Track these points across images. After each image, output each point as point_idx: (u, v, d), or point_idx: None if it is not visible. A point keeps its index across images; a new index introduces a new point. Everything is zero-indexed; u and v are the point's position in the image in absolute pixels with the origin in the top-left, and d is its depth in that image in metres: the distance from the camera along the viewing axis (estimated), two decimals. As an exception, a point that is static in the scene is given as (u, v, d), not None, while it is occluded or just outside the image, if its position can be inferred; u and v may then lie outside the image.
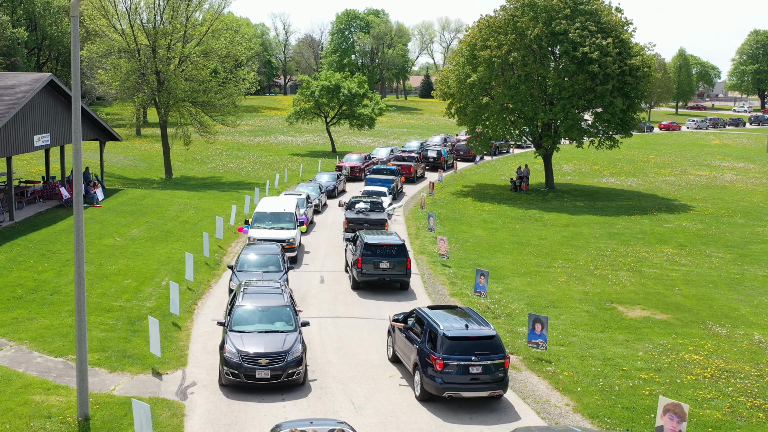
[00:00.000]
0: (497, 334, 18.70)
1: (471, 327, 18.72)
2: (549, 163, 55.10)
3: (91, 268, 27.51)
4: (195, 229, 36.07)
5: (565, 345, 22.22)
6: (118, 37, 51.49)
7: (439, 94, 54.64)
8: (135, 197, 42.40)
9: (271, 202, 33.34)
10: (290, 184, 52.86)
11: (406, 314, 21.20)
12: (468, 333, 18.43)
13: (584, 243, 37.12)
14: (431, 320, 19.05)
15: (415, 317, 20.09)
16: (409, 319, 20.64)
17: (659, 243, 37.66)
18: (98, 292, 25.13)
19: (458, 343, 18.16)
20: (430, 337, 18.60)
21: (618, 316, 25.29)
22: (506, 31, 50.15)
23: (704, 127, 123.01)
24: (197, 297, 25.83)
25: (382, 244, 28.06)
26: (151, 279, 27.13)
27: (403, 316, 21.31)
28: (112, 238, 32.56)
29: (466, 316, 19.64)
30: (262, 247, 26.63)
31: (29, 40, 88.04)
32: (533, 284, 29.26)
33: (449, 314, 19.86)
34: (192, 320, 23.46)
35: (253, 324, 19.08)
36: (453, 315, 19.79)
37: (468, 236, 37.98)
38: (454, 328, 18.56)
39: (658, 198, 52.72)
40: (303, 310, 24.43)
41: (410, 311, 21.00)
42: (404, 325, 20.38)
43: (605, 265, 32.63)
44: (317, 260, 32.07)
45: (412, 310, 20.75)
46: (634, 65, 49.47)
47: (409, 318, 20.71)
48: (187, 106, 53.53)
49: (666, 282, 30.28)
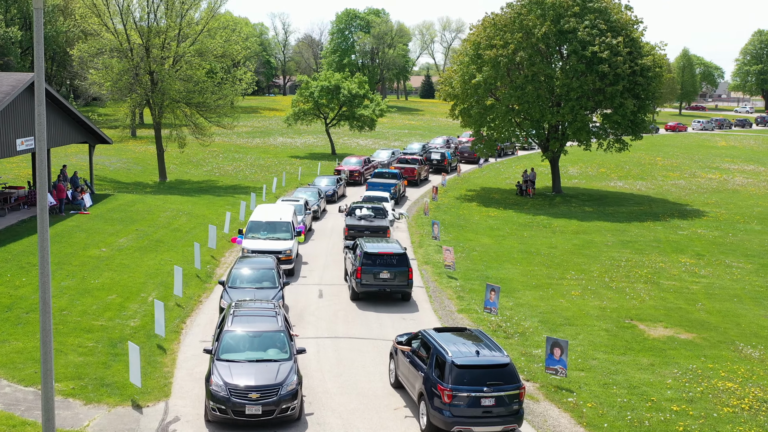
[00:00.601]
0: (511, 361, 16.89)
1: (482, 353, 16.93)
2: (556, 167, 53.24)
3: (73, 283, 25.65)
4: (187, 237, 34.19)
5: (586, 370, 20.35)
6: (110, 35, 49.63)
7: (443, 95, 52.72)
8: (125, 203, 40.49)
9: (266, 210, 31.31)
10: (288, 188, 51.02)
11: (410, 336, 19.40)
12: (479, 360, 16.65)
13: (597, 252, 35.26)
14: (438, 345, 17.27)
15: (421, 341, 18.31)
16: (413, 342, 18.86)
17: (675, 252, 35.81)
18: (79, 309, 23.26)
19: (468, 372, 16.40)
20: (437, 365, 16.83)
21: (640, 336, 23.43)
22: (512, 29, 48.30)
23: (710, 128, 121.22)
24: (186, 314, 23.95)
25: (383, 253, 26.40)
26: (137, 294, 25.24)
27: (407, 338, 19.51)
28: (97, 249, 30.65)
29: (477, 341, 17.84)
30: (255, 261, 24.71)
31: (23, 40, 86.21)
32: (546, 298, 27.40)
33: (457, 338, 18.08)
34: (179, 341, 21.57)
35: (243, 352, 17.10)
36: (462, 339, 18.00)
37: (474, 244, 36.13)
38: (464, 354, 16.78)
39: (669, 203, 50.87)
40: (300, 331, 22.60)
41: (415, 333, 19.21)
42: (409, 348, 18.59)
43: (621, 277, 30.78)
44: (315, 272, 30.20)
45: (417, 332, 18.98)
46: (646, 65, 47.60)
47: (413, 340, 18.93)
48: (182, 108, 51.69)
49: (687, 296, 28.43)
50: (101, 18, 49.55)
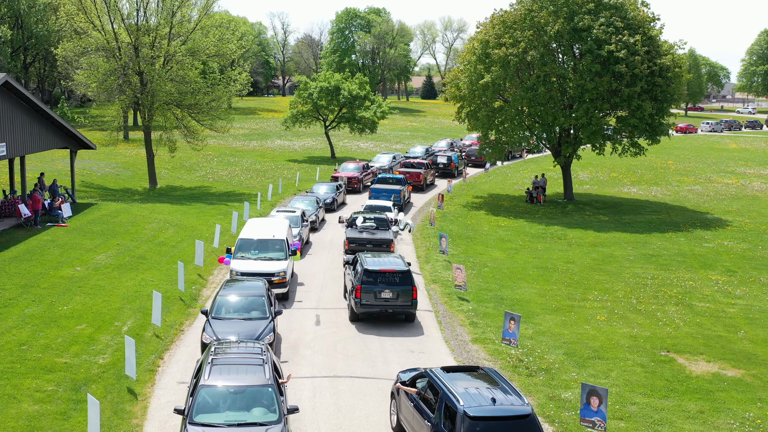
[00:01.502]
0: (533, 410, 14.17)
1: (499, 401, 14.28)
2: (568, 172, 50.34)
3: (39, 310, 22.81)
4: (173, 253, 31.31)
5: (625, 419, 17.51)
6: (97, 33, 46.78)
7: (449, 97, 49.81)
8: (108, 213, 37.59)
9: (258, 225, 28.14)
10: (285, 194, 48.17)
11: (415, 375, 16.68)
12: (496, 410, 14.01)
13: (618, 268, 32.41)
14: (448, 390, 14.62)
15: (428, 382, 15.66)
16: (419, 381, 16.18)
17: (703, 268, 32.96)
18: (41, 343, 20.41)
19: (484, 424, 13.75)
20: (447, 414, 14.20)
21: (680, 372, 20.58)
22: (523, 27, 45.41)
23: (719, 130, 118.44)
24: (164, 348, 21.07)
25: (384, 271, 23.87)
26: (111, 323, 22.38)
27: (411, 376, 16.79)
28: (71, 267, 27.75)
29: (492, 383, 15.15)
30: (243, 286, 21.77)
31: (14, 39, 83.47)
32: (569, 324, 24.57)
33: (469, 379, 15.48)
34: (153, 383, 18.70)
35: (223, 413, 14.13)
36: (474, 381, 15.36)
37: (485, 259, 33.29)
38: (478, 402, 14.14)
39: (688, 210, 48.00)
40: (294, 368, 19.76)
41: (420, 372, 16.48)
42: (414, 390, 15.91)
43: (648, 298, 27.94)
44: (312, 293, 27.34)
45: (423, 372, 16.26)
46: (665, 65, 44.71)
47: (419, 379, 16.24)
48: (173, 110, 48.84)
49: (725, 321, 25.58)
50: (87, 15, 46.73)
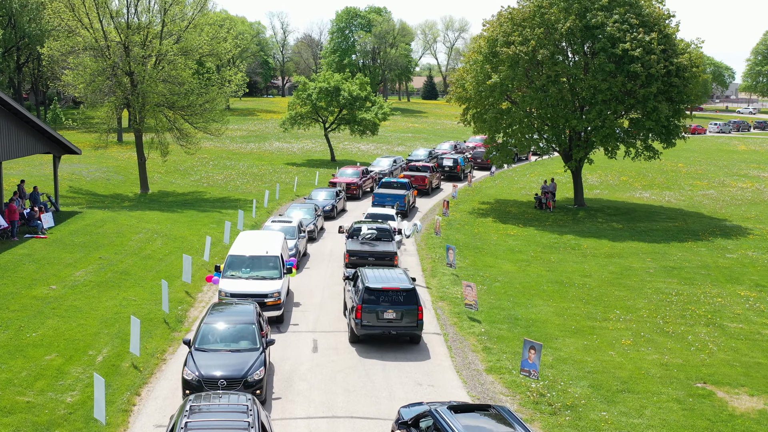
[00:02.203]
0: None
1: None
2: (578, 177, 48.03)
3: (5, 337, 20.54)
4: (159, 267, 29.02)
5: (667, 471, 15.27)
6: (85, 32, 44.50)
7: (454, 98, 47.51)
8: (93, 223, 35.28)
9: (250, 240, 25.70)
10: (282, 201, 45.92)
11: (419, 414, 14.56)
12: None
13: (639, 282, 30.13)
14: None
15: (433, 425, 13.53)
16: (422, 421, 14.15)
17: (730, 282, 30.67)
18: (2, 378, 18.12)
19: None
20: None
21: (722, 410, 18.31)
22: (532, 24, 43.12)
23: (727, 131, 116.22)
24: (142, 381, 18.78)
25: (387, 289, 21.83)
26: (84, 352, 20.08)
27: (414, 416, 14.68)
28: (46, 286, 25.44)
29: (506, 426, 12.99)
30: (231, 312, 19.44)
31: (6, 39, 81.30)
32: (591, 350, 22.30)
33: (480, 421, 13.49)
34: (126, 427, 16.41)
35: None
36: (485, 424, 13.39)
37: (495, 272, 31.02)
38: None
39: (705, 217, 45.71)
40: (287, 406, 17.48)
41: (424, 411, 14.33)
42: None
43: (675, 317, 25.66)
44: (309, 313, 25.06)
45: (428, 411, 14.13)
46: (682, 64, 42.42)
47: (422, 419, 14.19)
48: (165, 111, 46.57)
49: (762, 345, 23.30)
50: (75, 12, 44.46)
